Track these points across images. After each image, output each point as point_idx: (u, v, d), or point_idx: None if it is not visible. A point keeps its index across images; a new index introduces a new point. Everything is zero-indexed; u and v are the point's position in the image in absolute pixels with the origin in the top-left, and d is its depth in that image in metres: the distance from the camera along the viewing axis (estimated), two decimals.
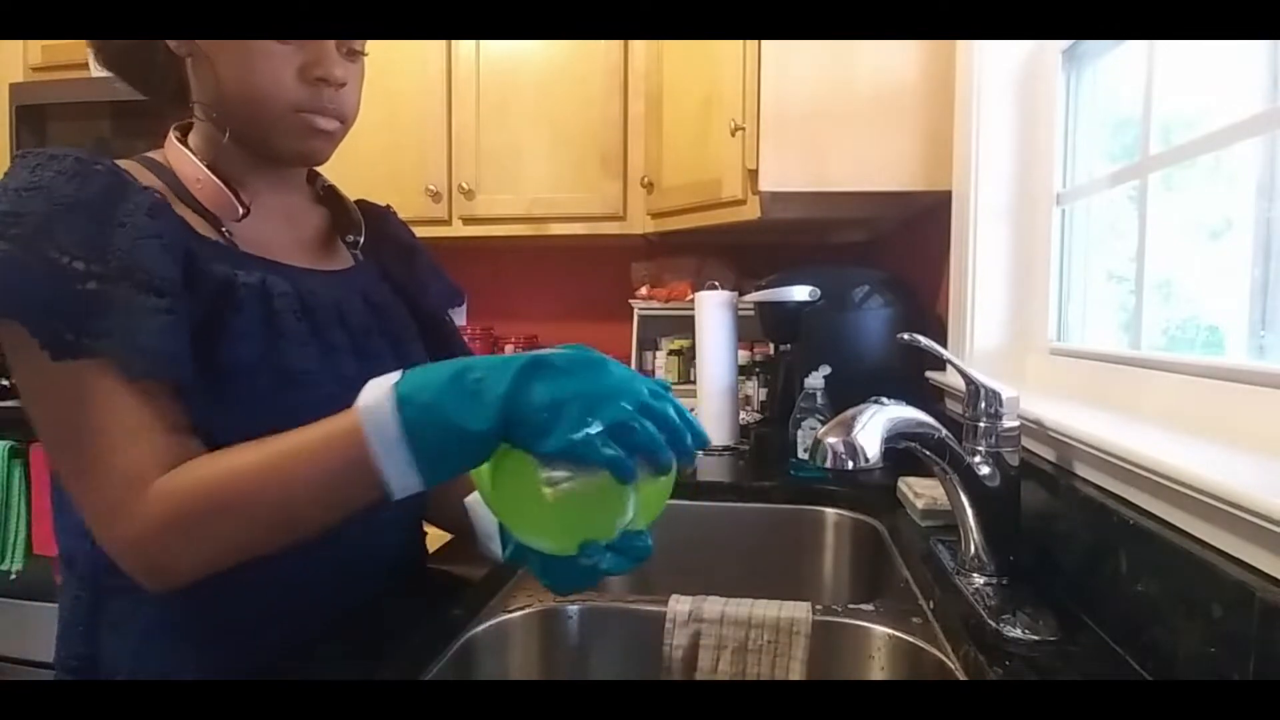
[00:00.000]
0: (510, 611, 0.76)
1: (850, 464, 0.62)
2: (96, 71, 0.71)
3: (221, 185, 0.63)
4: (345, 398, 0.63)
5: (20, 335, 0.51)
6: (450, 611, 0.71)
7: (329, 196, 0.78)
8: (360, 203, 0.81)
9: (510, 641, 0.77)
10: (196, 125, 0.68)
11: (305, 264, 0.70)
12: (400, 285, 0.79)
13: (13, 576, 1.93)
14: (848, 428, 0.63)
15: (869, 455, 0.62)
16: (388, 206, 0.86)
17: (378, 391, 0.48)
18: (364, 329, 0.70)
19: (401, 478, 0.48)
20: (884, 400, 0.68)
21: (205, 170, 0.63)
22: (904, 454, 0.70)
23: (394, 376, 0.49)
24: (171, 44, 0.64)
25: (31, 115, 2.12)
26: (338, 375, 0.64)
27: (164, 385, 0.55)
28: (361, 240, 0.76)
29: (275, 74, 0.62)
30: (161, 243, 0.56)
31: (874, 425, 0.64)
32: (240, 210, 0.64)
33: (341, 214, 0.77)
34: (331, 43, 0.64)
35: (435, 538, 0.83)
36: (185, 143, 0.66)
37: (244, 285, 0.61)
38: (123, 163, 0.62)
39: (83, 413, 0.52)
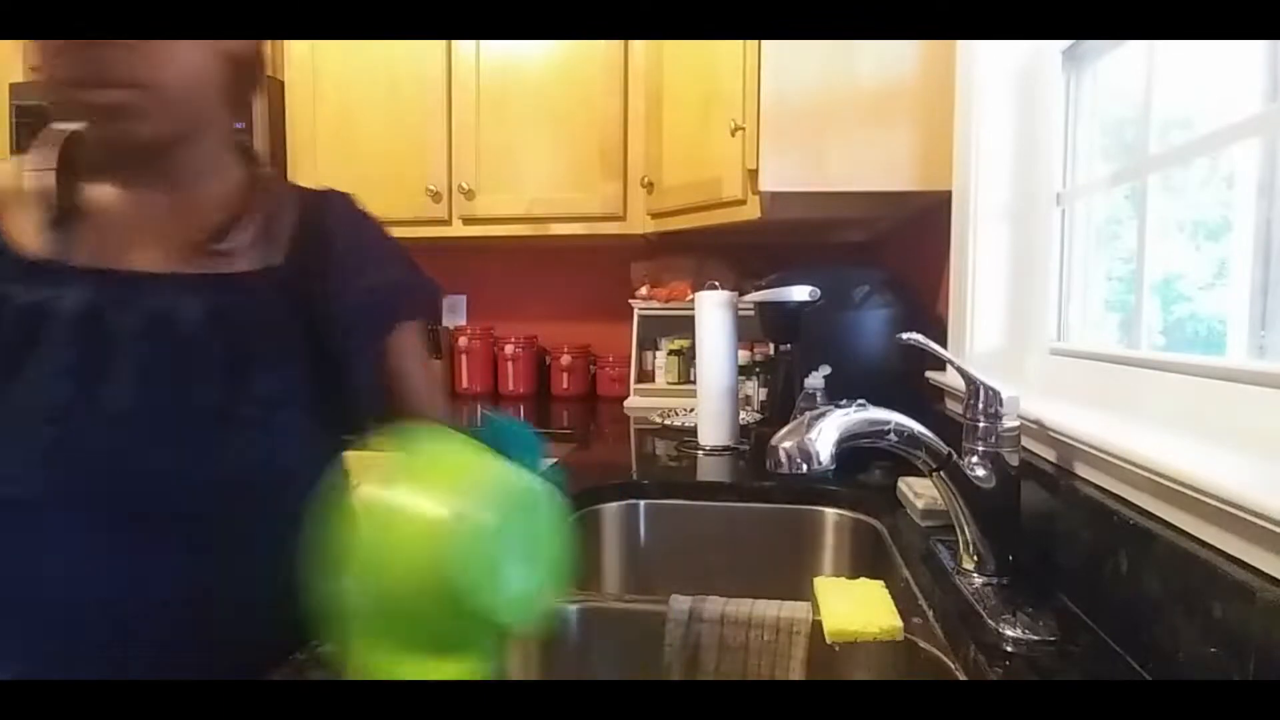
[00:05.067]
0: None
1: (804, 467, 0.62)
2: None
3: (50, 185, 0.57)
4: (112, 435, 0.54)
5: None
6: None
7: (255, 187, 0.68)
8: (305, 192, 0.72)
9: (510, 641, 0.77)
10: None
11: (162, 267, 0.60)
12: (310, 293, 0.65)
13: None
14: (802, 432, 0.63)
15: (822, 459, 0.63)
16: (344, 195, 0.74)
17: None
18: (194, 344, 0.59)
19: None
20: (844, 403, 0.67)
21: (38, 169, 0.57)
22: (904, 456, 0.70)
23: None
24: None
25: (31, 115, 2.12)
26: (104, 410, 0.55)
27: None
28: (220, 247, 0.63)
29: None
30: None
31: (829, 429, 0.64)
32: (52, 213, 0.57)
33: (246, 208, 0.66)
34: None
35: None
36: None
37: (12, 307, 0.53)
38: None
39: None
